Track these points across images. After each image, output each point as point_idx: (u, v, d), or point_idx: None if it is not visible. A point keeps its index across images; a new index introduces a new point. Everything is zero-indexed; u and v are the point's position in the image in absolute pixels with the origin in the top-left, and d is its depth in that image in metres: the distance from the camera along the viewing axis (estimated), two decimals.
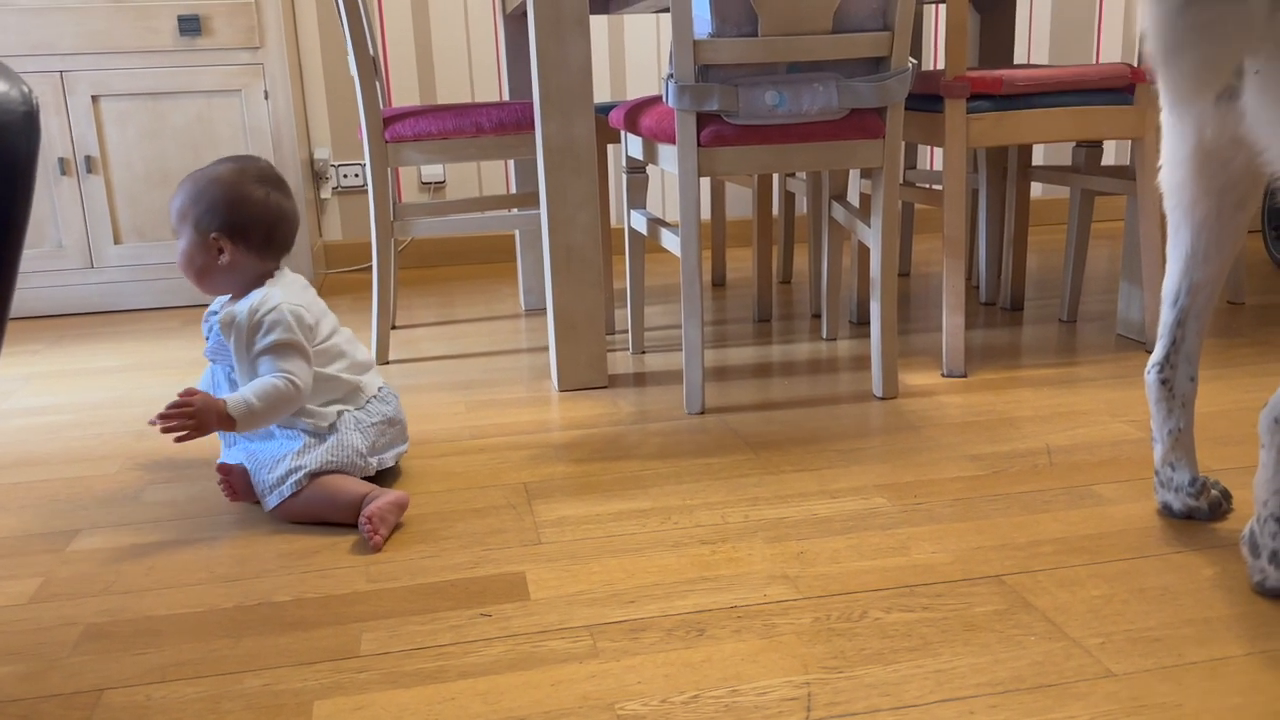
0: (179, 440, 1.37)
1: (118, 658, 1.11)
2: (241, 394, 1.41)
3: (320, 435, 1.47)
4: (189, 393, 1.38)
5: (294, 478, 1.41)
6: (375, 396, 1.56)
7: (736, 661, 1.05)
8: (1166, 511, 1.37)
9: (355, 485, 1.44)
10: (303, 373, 1.43)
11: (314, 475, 1.42)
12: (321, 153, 3.36)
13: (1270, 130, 1.03)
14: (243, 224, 1.46)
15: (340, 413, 1.50)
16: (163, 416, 1.36)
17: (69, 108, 2.81)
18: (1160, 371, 1.33)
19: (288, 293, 1.48)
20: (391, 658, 1.09)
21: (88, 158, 2.85)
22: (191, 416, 1.37)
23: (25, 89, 0.64)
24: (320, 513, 1.42)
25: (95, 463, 1.73)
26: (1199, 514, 1.35)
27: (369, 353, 1.61)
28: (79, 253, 2.90)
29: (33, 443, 1.85)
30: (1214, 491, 1.36)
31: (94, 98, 2.82)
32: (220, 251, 1.47)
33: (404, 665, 1.07)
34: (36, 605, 1.24)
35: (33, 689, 1.06)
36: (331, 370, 1.50)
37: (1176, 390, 1.33)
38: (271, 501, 1.42)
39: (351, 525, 1.41)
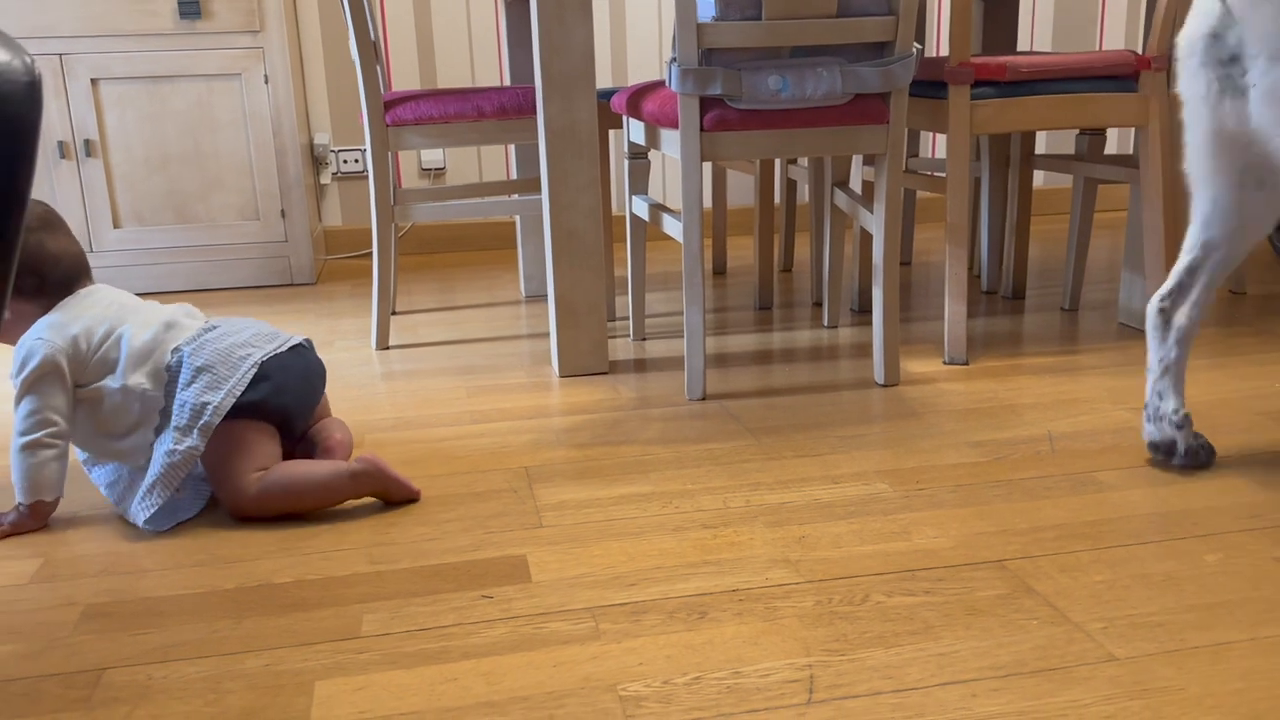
0: None
1: (118, 637, 1.11)
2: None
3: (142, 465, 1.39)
4: None
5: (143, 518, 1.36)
6: (169, 377, 1.38)
7: (738, 644, 1.05)
8: (1151, 449, 1.46)
9: (311, 467, 1.40)
10: (20, 419, 1.35)
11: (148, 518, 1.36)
12: (321, 138, 3.35)
13: (1270, 129, 1.23)
14: None
15: (146, 437, 1.38)
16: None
17: (68, 91, 2.80)
18: (1161, 301, 1.44)
19: (40, 324, 1.40)
20: (393, 638, 1.09)
21: (87, 141, 2.84)
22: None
23: (28, 59, 0.64)
24: (296, 504, 1.39)
25: None
26: (1176, 451, 1.43)
27: (162, 316, 1.44)
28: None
29: None
30: (1200, 437, 1.45)
31: (93, 81, 2.81)
32: None
33: (405, 646, 1.07)
34: (36, 585, 1.24)
35: (33, 668, 1.06)
36: (107, 383, 1.38)
37: (1173, 322, 1.43)
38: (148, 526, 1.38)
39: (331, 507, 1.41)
